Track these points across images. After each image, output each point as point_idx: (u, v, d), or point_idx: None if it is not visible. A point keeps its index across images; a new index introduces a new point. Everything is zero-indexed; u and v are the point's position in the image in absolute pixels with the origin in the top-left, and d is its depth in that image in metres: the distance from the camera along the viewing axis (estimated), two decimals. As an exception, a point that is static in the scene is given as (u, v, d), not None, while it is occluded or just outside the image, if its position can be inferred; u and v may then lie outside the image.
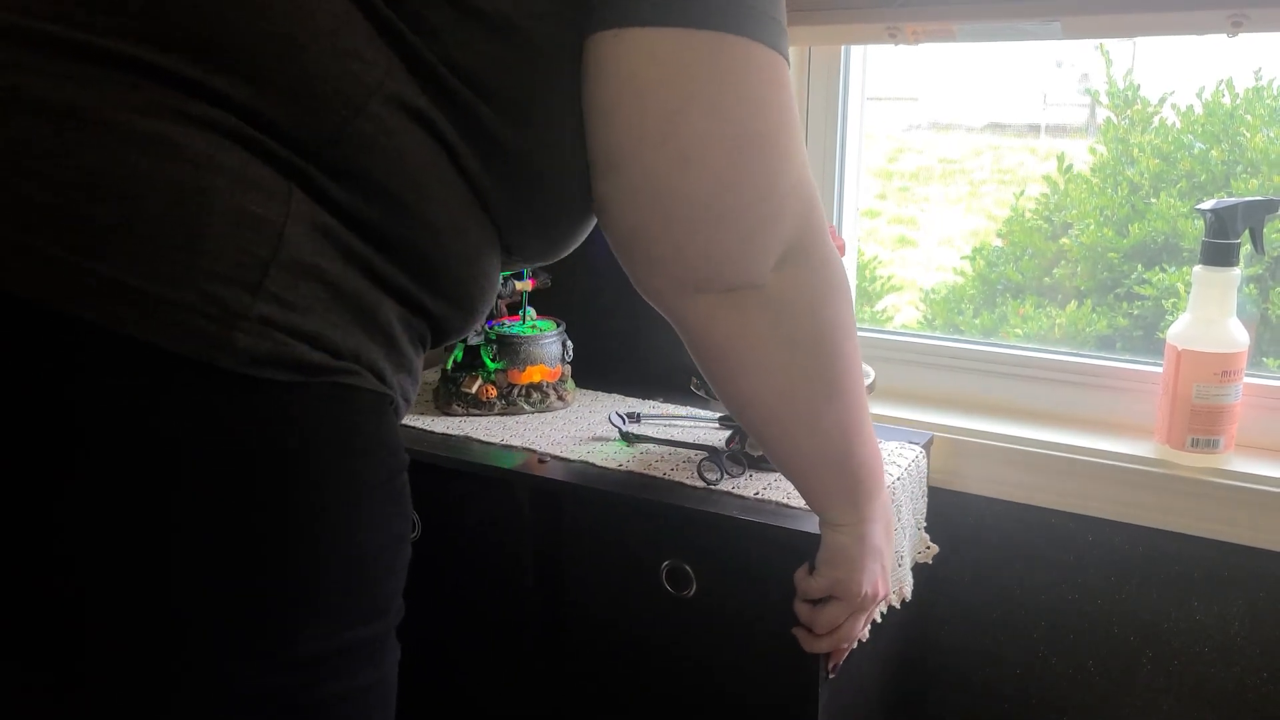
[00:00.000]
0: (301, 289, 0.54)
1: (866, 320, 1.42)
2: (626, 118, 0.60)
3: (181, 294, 0.51)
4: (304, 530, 0.55)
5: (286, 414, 0.54)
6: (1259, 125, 1.20)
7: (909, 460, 1.08)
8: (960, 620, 1.24)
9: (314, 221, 0.55)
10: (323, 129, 0.56)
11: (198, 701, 0.53)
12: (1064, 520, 1.16)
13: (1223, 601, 1.10)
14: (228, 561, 0.53)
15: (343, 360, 0.56)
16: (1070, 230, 1.33)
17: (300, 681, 0.56)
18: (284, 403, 0.54)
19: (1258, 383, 1.10)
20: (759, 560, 0.94)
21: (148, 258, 0.50)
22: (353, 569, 0.57)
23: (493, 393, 1.20)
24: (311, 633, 0.56)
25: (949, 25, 1.12)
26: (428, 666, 1.18)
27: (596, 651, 1.06)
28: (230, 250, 0.52)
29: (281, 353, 0.53)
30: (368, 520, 0.58)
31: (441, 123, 0.59)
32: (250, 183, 0.53)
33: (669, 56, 0.59)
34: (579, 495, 1.03)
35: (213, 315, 0.51)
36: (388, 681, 0.62)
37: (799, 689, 0.95)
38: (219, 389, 0.52)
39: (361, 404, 0.57)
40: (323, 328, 0.55)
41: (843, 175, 1.29)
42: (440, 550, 1.12)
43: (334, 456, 0.56)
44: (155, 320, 0.50)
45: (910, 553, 1.09)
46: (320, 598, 0.56)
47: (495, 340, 1.20)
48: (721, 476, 1.01)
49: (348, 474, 0.56)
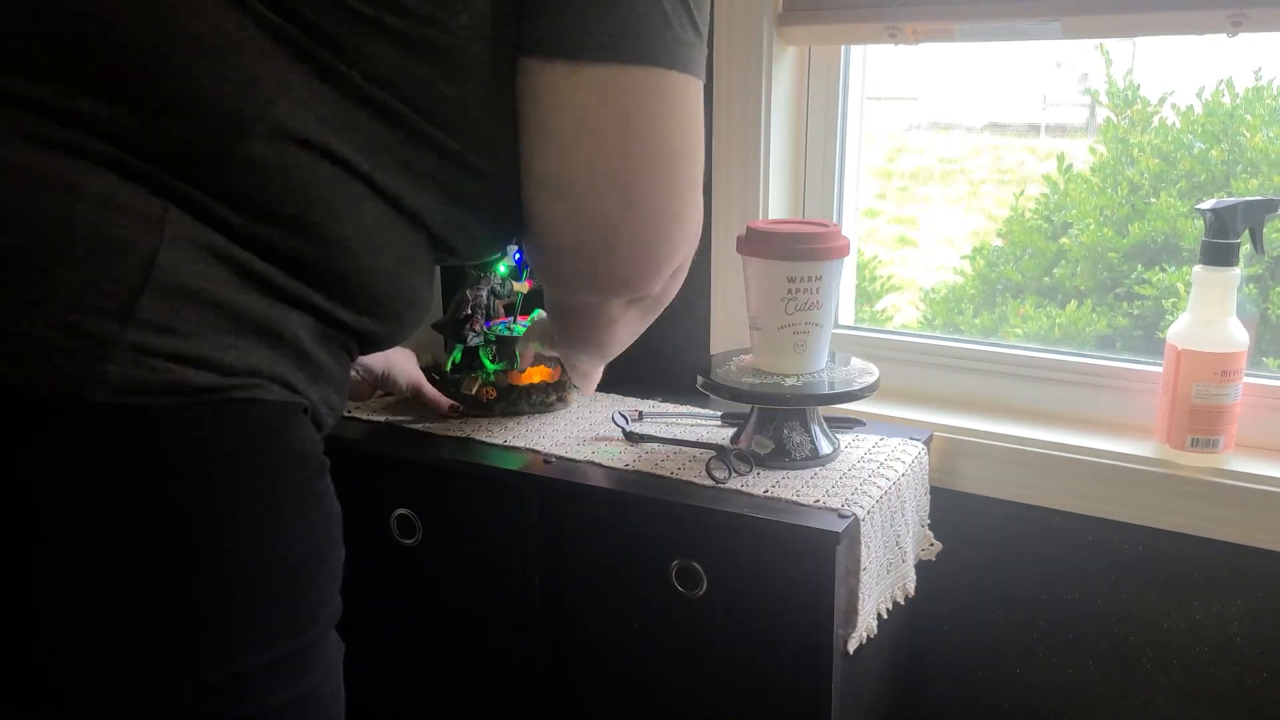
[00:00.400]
0: (183, 312, 0.52)
1: (867, 320, 1.43)
2: (583, 158, 0.62)
3: (44, 330, 0.49)
4: (211, 551, 0.53)
5: (171, 439, 0.52)
6: (1259, 125, 1.20)
7: (911, 457, 1.09)
8: (960, 620, 1.25)
9: (198, 242, 0.53)
10: (207, 150, 0.54)
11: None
12: (1064, 520, 1.16)
13: (1222, 601, 1.11)
14: (137, 596, 0.52)
15: (236, 376, 0.54)
16: (1070, 230, 1.34)
17: (232, 698, 0.55)
18: (165, 427, 0.51)
19: (1257, 382, 1.10)
20: (769, 558, 0.95)
21: (7, 294, 0.48)
22: (272, 582, 0.56)
23: (493, 394, 1.20)
24: (235, 651, 0.55)
25: (949, 25, 1.13)
26: (431, 668, 1.18)
27: (607, 652, 1.07)
28: (95, 279, 0.50)
29: (162, 379, 0.51)
30: (284, 531, 0.56)
31: (352, 142, 0.57)
32: (116, 207, 0.51)
33: (619, 96, 0.61)
34: (585, 496, 1.03)
35: (77, 349, 0.49)
36: (328, 685, 0.61)
37: (811, 687, 0.95)
38: (90, 425, 0.50)
39: (262, 414, 0.56)
40: (211, 350, 0.53)
41: (843, 175, 1.29)
42: (444, 553, 1.12)
43: (236, 472, 0.54)
44: (17, 361, 0.48)
45: (914, 550, 1.09)
46: (240, 615, 0.55)
47: (494, 341, 1.20)
48: (730, 474, 1.01)
49: (253, 487, 0.55)
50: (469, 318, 1.18)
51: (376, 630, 1.20)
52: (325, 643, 0.61)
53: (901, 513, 1.04)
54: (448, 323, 1.20)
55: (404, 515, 1.12)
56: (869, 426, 1.17)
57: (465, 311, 1.18)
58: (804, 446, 1.05)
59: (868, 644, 1.00)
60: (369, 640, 1.21)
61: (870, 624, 0.99)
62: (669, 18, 0.61)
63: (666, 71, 0.61)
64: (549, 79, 0.61)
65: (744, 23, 1.21)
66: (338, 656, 0.63)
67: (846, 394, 1.04)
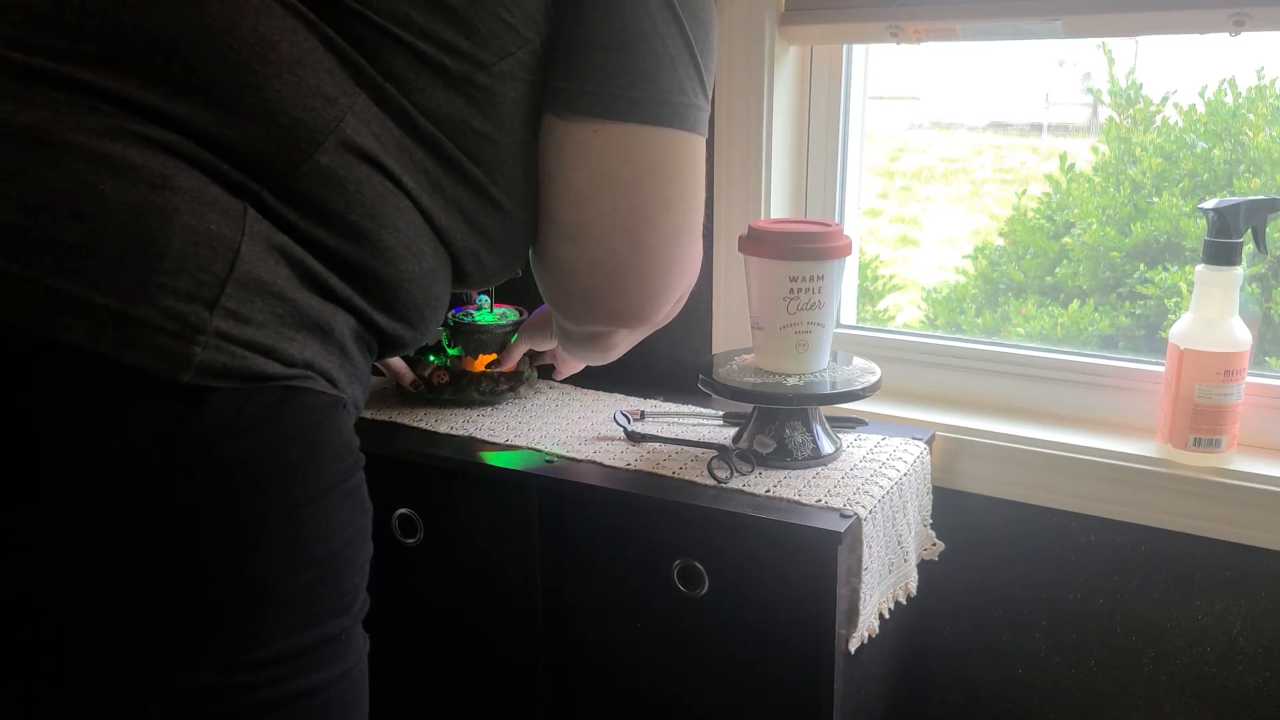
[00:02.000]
0: (258, 305, 0.56)
1: (869, 319, 1.42)
2: (599, 207, 0.69)
3: (143, 311, 0.53)
4: (263, 534, 0.56)
5: (241, 421, 0.55)
6: (1261, 124, 1.20)
7: (913, 457, 1.09)
8: (961, 619, 1.25)
9: (270, 242, 0.58)
10: (282, 159, 0.58)
11: (168, 707, 0.55)
12: (1066, 519, 1.16)
13: (1224, 601, 1.10)
14: (190, 571, 0.55)
15: (295, 368, 0.58)
16: (1072, 229, 1.34)
17: (267, 679, 0.57)
18: (238, 410, 0.55)
19: (1260, 382, 1.10)
20: (771, 558, 0.95)
21: (110, 276, 0.52)
22: (314, 568, 0.59)
23: (444, 378, 1.20)
24: (275, 632, 0.57)
25: (951, 24, 1.13)
26: (433, 667, 1.18)
27: (608, 652, 1.07)
28: (189, 267, 0.54)
29: (237, 365, 0.55)
30: (327, 519, 0.59)
31: (400, 161, 0.63)
32: (207, 202, 0.56)
33: (639, 155, 0.68)
34: (587, 495, 1.03)
35: (172, 331, 0.53)
36: (357, 672, 0.64)
37: (812, 687, 0.95)
38: (177, 401, 0.53)
39: (314, 404, 0.59)
40: (278, 341, 0.57)
41: (844, 174, 1.29)
42: (446, 553, 1.12)
43: (289, 459, 0.57)
44: (118, 337, 0.52)
45: (916, 549, 1.09)
46: (282, 599, 0.57)
47: (453, 326, 1.20)
48: (732, 474, 1.01)
49: (303, 474, 0.58)
50: None
51: (378, 629, 1.20)
52: (357, 630, 0.64)
53: (903, 512, 1.04)
54: None
55: (405, 515, 1.13)
56: (871, 426, 1.17)
57: None
58: (806, 446, 1.05)
59: (869, 643, 1.00)
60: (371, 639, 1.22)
61: (872, 623, 0.99)
62: (683, 83, 0.67)
63: (679, 132, 0.68)
64: (574, 134, 0.67)
65: (746, 22, 1.21)
66: (364, 650, 0.66)
67: (848, 394, 1.04)
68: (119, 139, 0.54)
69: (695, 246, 0.74)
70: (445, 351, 1.21)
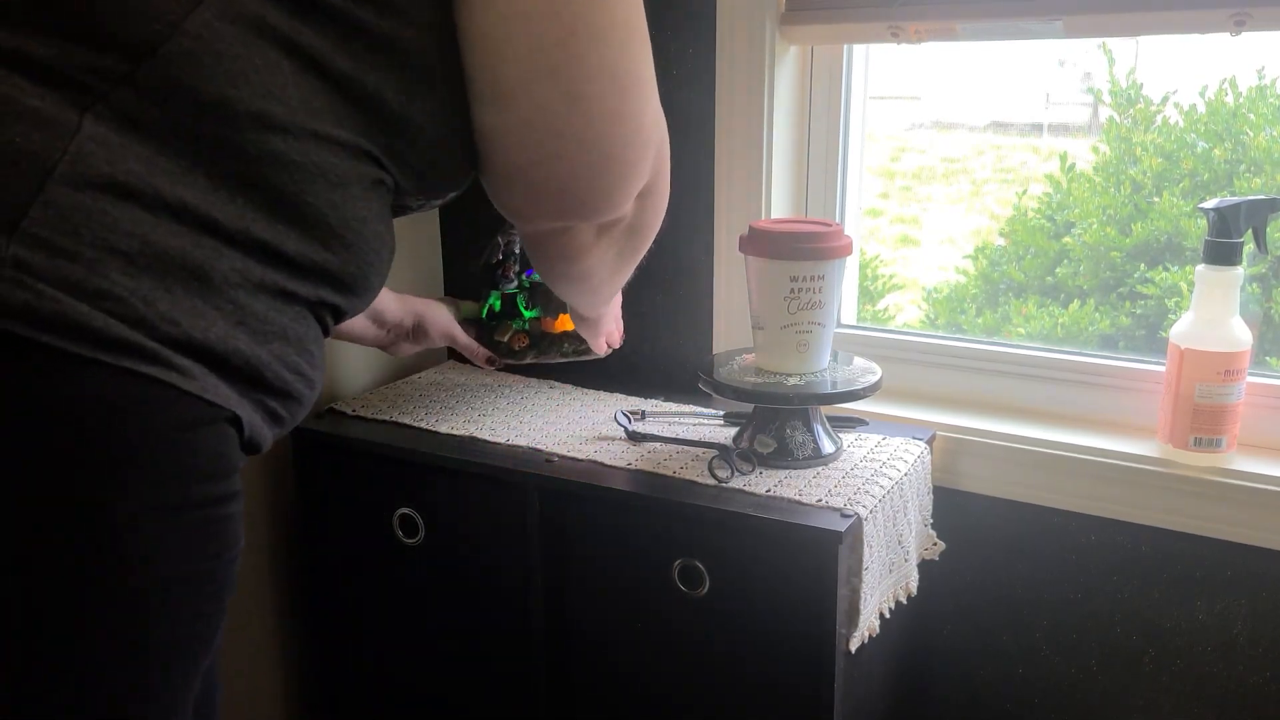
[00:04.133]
0: (84, 235, 0.46)
1: (869, 319, 1.42)
2: (515, 50, 0.58)
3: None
4: (67, 551, 0.47)
5: (58, 397, 0.45)
6: (1262, 124, 1.20)
7: (914, 456, 1.09)
8: (962, 619, 1.25)
9: (116, 157, 0.48)
10: (131, 47, 0.49)
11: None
12: (1066, 519, 1.16)
13: (1225, 601, 1.10)
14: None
15: (144, 336, 0.47)
16: (1073, 229, 1.34)
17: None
18: (56, 382, 0.45)
19: (1260, 382, 1.10)
20: (772, 558, 0.95)
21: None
22: (113, 606, 0.48)
23: (525, 341, 1.19)
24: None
25: (951, 24, 1.13)
26: (434, 666, 1.18)
27: (609, 652, 1.07)
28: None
29: (45, 308, 0.45)
30: (150, 548, 0.49)
31: (291, 28, 0.53)
32: (15, 114, 0.47)
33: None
34: (588, 495, 1.03)
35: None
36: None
37: (813, 687, 0.95)
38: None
39: (173, 407, 0.48)
40: (114, 286, 0.46)
41: (845, 174, 1.29)
42: (447, 553, 1.12)
43: (122, 461, 0.47)
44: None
45: (917, 549, 1.09)
46: (75, 643, 0.47)
47: (529, 288, 1.18)
48: (733, 474, 1.01)
49: (122, 488, 0.47)
50: (500, 263, 1.16)
51: (379, 628, 1.20)
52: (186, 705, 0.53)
53: (904, 512, 1.04)
54: (480, 269, 1.19)
55: (406, 514, 1.13)
56: (871, 426, 1.17)
57: (497, 257, 1.16)
58: (806, 446, 1.05)
59: (870, 643, 1.00)
60: (372, 638, 1.22)
61: (872, 623, 0.99)
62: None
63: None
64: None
65: (746, 22, 1.21)
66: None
67: (849, 393, 1.04)
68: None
69: (643, 102, 0.62)
70: (523, 314, 1.19)
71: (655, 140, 0.65)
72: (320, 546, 1.22)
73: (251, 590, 1.29)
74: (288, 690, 1.37)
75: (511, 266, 1.17)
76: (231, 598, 0.56)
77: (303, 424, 1.17)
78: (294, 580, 1.34)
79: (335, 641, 1.25)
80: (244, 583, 1.10)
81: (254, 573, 1.29)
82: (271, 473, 1.29)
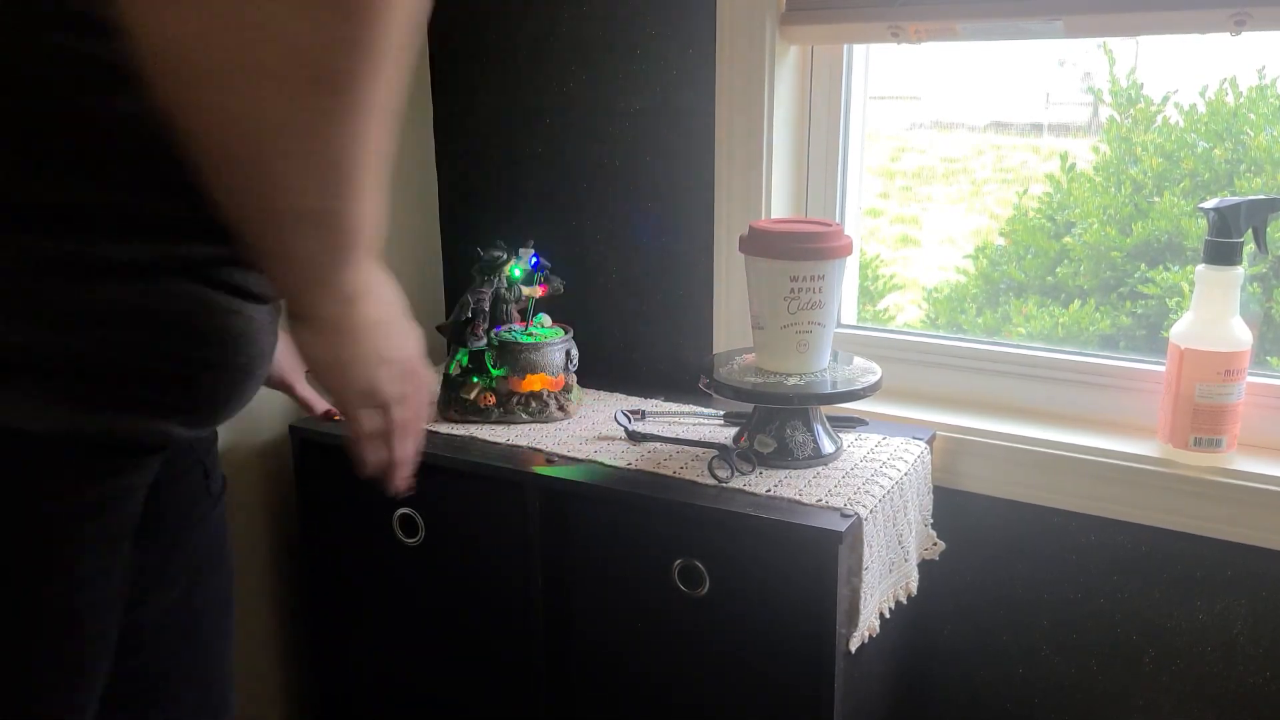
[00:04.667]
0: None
1: (869, 319, 1.42)
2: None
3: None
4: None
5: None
6: (1262, 124, 1.20)
7: (914, 456, 1.09)
8: (962, 619, 1.25)
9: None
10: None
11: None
12: (1066, 519, 1.16)
13: (1225, 601, 1.10)
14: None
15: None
16: (1073, 229, 1.34)
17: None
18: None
19: (1261, 382, 1.10)
20: (772, 557, 0.95)
21: None
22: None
23: (491, 400, 1.19)
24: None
25: (952, 24, 1.13)
26: (434, 665, 1.18)
27: (609, 651, 1.07)
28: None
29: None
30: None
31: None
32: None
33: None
34: (588, 495, 1.03)
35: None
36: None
37: (813, 686, 0.95)
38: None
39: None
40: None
41: (845, 174, 1.29)
42: (447, 552, 1.12)
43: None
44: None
45: (917, 549, 1.09)
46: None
47: (497, 346, 1.19)
48: (733, 474, 1.01)
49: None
50: (469, 321, 1.17)
51: (380, 628, 1.20)
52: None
53: (904, 512, 1.04)
54: (450, 325, 1.19)
55: (406, 514, 1.13)
56: (871, 426, 1.17)
57: (466, 315, 1.17)
58: (806, 446, 1.05)
59: (870, 643, 1.00)
60: (372, 638, 1.22)
61: (872, 623, 0.99)
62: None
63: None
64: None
65: (746, 22, 1.21)
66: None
67: (849, 393, 1.04)
68: None
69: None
70: (490, 372, 1.19)
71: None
72: (320, 546, 1.22)
73: (251, 590, 1.29)
74: (288, 690, 1.37)
75: (481, 324, 1.17)
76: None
77: (303, 424, 1.17)
78: (294, 580, 1.34)
79: (335, 641, 1.25)
80: (244, 583, 1.10)
81: (254, 573, 1.29)
82: (271, 473, 1.29)
